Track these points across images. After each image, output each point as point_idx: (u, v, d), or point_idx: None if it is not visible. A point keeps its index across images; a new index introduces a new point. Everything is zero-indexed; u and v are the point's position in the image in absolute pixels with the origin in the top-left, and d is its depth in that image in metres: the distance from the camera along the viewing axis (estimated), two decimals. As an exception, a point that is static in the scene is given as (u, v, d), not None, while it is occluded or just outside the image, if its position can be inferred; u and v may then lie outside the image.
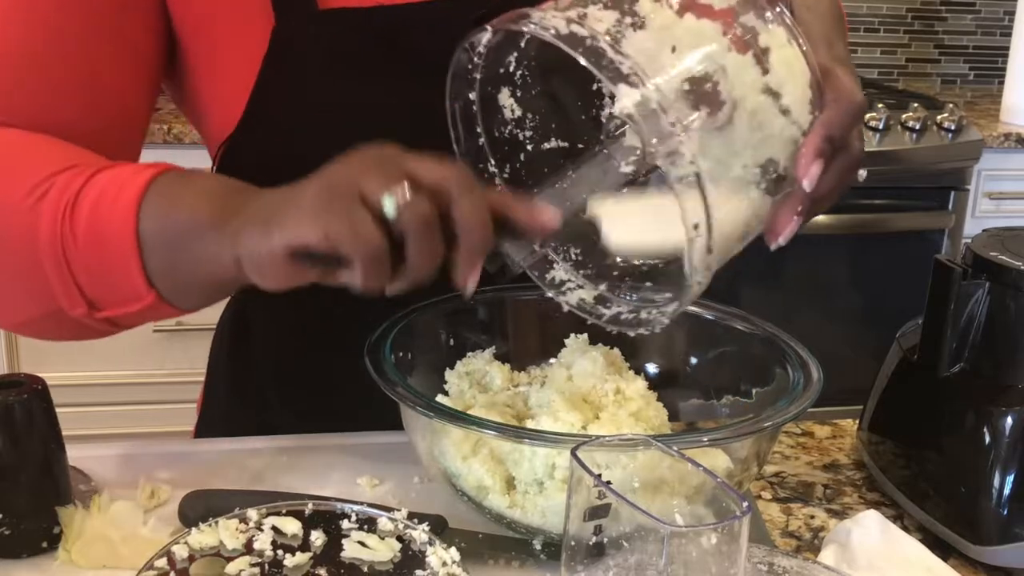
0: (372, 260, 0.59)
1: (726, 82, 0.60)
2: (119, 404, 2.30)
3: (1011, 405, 0.74)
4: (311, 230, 0.59)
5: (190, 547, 0.64)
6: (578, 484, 0.56)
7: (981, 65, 3.10)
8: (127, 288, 0.67)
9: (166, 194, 0.67)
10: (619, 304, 0.71)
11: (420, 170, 0.59)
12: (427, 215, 0.58)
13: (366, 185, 0.58)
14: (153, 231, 0.66)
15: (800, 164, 0.63)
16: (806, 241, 2.50)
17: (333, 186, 0.60)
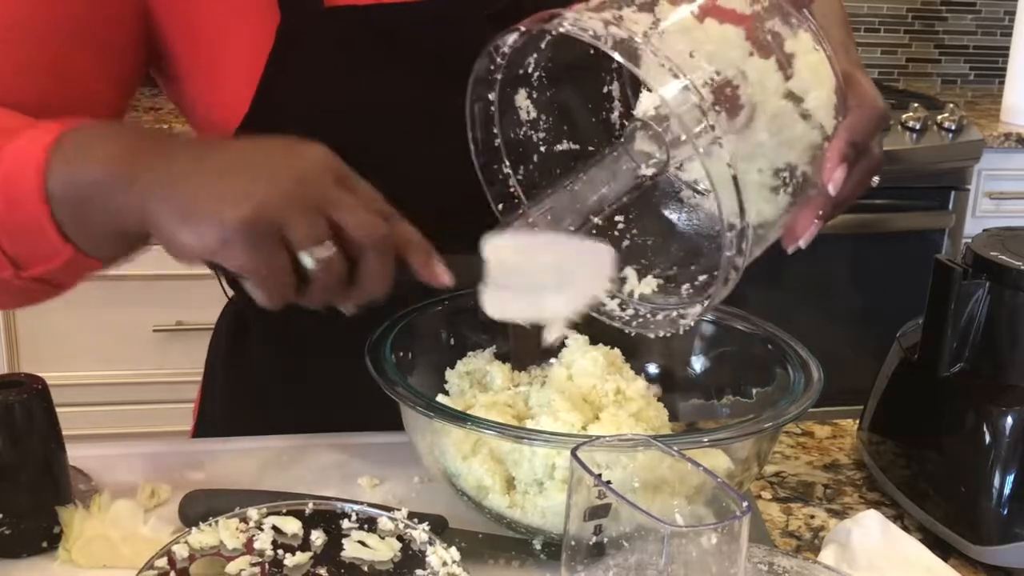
0: (279, 295, 0.62)
1: (746, 86, 0.60)
2: (119, 404, 2.30)
3: (1011, 405, 0.74)
4: (228, 256, 0.59)
5: (190, 547, 0.64)
6: (578, 484, 0.56)
7: (981, 65, 3.10)
8: (44, 245, 0.66)
9: (74, 149, 0.66)
10: (633, 306, 0.72)
11: (346, 221, 0.60)
12: (339, 274, 0.61)
13: (292, 231, 0.59)
14: (61, 187, 0.65)
15: (825, 168, 0.64)
16: (806, 241, 2.49)
17: (258, 217, 0.58)
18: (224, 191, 0.59)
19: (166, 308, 2.23)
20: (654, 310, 0.70)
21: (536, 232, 0.70)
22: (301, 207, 0.59)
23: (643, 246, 0.74)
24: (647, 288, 0.71)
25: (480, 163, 0.70)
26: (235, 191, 0.59)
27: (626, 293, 0.72)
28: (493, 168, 0.71)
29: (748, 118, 0.61)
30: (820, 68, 0.64)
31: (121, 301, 2.21)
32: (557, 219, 0.70)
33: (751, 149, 0.61)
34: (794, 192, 0.64)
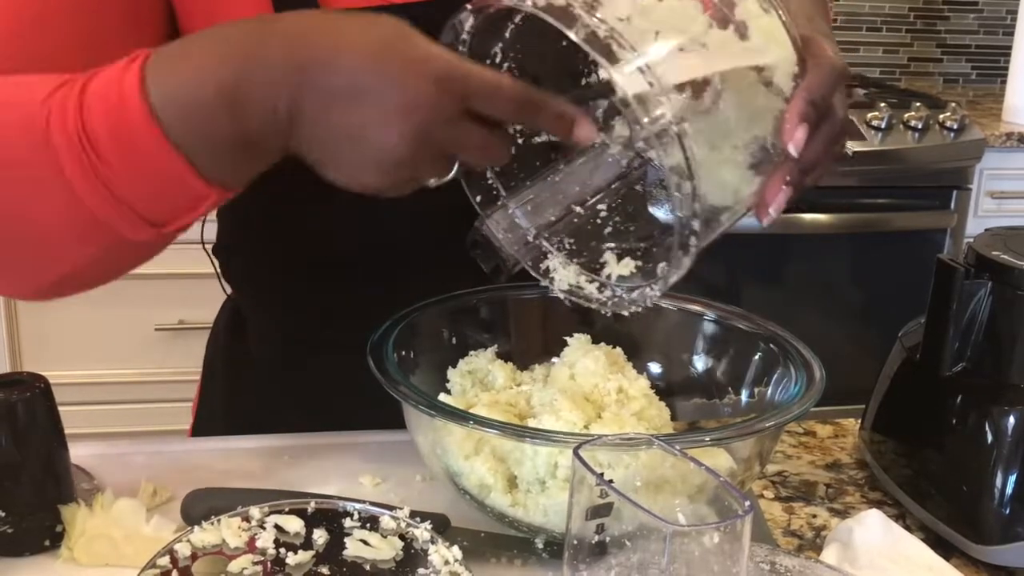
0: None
1: (709, 59, 0.60)
2: (121, 403, 2.30)
3: (1013, 404, 0.74)
4: (364, 187, 0.63)
5: (193, 545, 0.64)
6: (580, 483, 0.56)
7: (983, 64, 3.09)
8: (188, 195, 0.62)
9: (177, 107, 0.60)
10: (611, 288, 0.71)
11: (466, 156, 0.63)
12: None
13: (422, 175, 0.63)
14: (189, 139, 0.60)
15: (785, 130, 0.63)
16: (808, 240, 2.52)
17: (393, 183, 0.62)
18: (358, 156, 0.61)
19: (168, 307, 2.24)
20: (630, 289, 0.70)
21: None
22: (430, 157, 0.62)
23: (626, 232, 0.73)
24: (625, 270, 0.71)
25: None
26: (368, 157, 0.61)
27: (604, 276, 0.71)
28: None
29: (716, 93, 0.60)
30: (774, 32, 0.63)
31: (123, 300, 2.22)
32: (538, 210, 0.70)
33: (722, 125, 0.61)
34: (765, 163, 0.64)
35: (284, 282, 0.96)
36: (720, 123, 0.61)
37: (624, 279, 0.71)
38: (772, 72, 0.63)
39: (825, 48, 0.66)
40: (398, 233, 0.89)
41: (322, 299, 0.94)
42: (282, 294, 0.96)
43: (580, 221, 0.72)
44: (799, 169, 0.65)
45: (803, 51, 0.65)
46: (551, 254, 0.72)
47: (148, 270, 2.41)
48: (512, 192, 0.71)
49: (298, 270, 0.94)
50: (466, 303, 0.84)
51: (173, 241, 0.68)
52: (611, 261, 0.71)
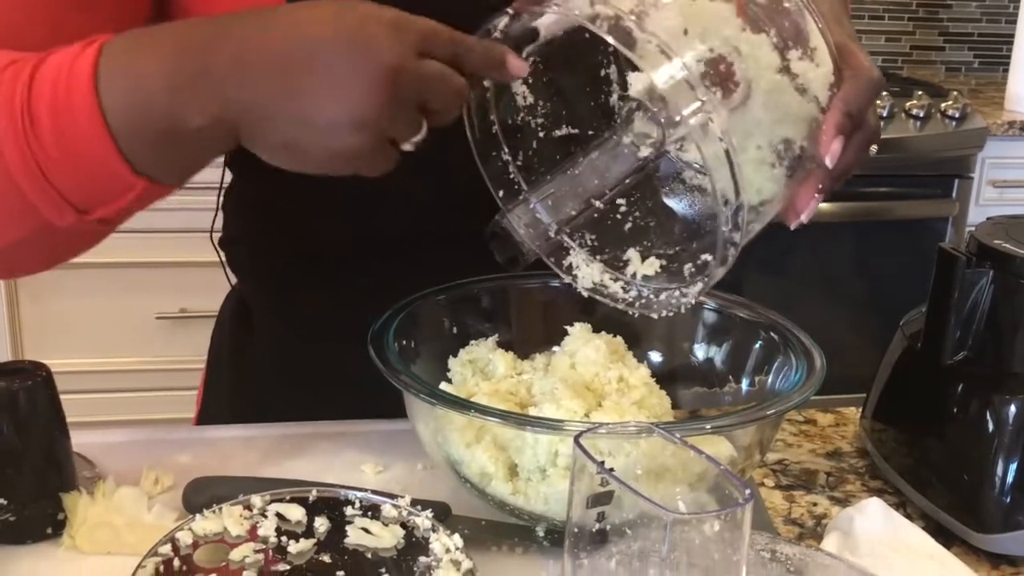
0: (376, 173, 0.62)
1: (740, 63, 0.60)
2: (122, 391, 2.30)
3: (1015, 393, 0.74)
4: (336, 158, 0.60)
5: (194, 533, 0.64)
6: (581, 471, 0.56)
7: (986, 53, 3.09)
8: (114, 182, 0.62)
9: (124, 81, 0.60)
10: (636, 288, 0.71)
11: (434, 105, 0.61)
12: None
13: (395, 134, 0.60)
14: (126, 123, 0.60)
15: (822, 141, 0.64)
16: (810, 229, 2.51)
17: (363, 146, 0.59)
18: (321, 119, 0.59)
19: (169, 295, 2.24)
20: (656, 291, 0.70)
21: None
22: (400, 115, 0.60)
23: (646, 228, 0.73)
24: (649, 269, 0.71)
25: (477, 150, 0.70)
26: (332, 119, 0.59)
27: (629, 275, 0.71)
28: (492, 155, 0.71)
29: (744, 95, 0.60)
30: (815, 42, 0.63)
31: (124, 288, 2.22)
32: (558, 204, 0.70)
33: (749, 126, 0.61)
34: (793, 167, 0.64)
35: (288, 273, 0.96)
36: (746, 123, 0.61)
37: (649, 279, 0.71)
38: (807, 79, 0.63)
39: (861, 59, 0.66)
40: (402, 224, 0.89)
41: (326, 289, 0.94)
42: (286, 284, 0.96)
43: (600, 216, 0.72)
44: (831, 177, 0.66)
45: (838, 59, 0.65)
46: (573, 250, 0.73)
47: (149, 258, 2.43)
48: (533, 186, 0.71)
49: (302, 261, 0.94)
50: (467, 292, 0.84)
51: (108, 233, 0.68)
52: (635, 259, 0.72)
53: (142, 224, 2.36)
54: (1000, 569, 0.74)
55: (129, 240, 2.15)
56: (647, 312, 0.70)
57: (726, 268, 0.62)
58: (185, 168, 0.64)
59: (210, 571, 0.61)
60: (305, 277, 0.95)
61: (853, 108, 0.64)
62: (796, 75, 0.62)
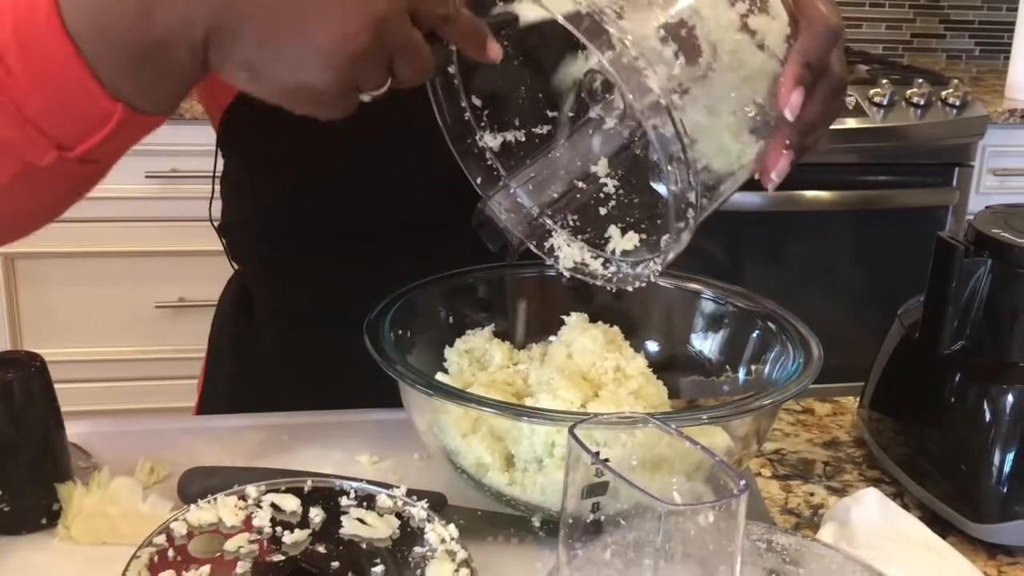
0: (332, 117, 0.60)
1: (702, 26, 0.59)
2: (122, 380, 2.30)
3: (1012, 383, 0.73)
4: (296, 108, 0.58)
5: (189, 524, 0.64)
6: (576, 462, 0.56)
7: (987, 40, 3.07)
8: (91, 111, 0.58)
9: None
10: (616, 263, 0.71)
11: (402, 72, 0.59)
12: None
13: (363, 83, 0.58)
14: (95, 45, 0.56)
15: (780, 94, 0.62)
16: (809, 218, 2.51)
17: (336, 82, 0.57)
18: (293, 48, 0.56)
19: (168, 284, 2.24)
20: (634, 264, 0.70)
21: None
22: (372, 64, 0.58)
23: (630, 205, 0.73)
24: (629, 244, 0.70)
25: (450, 136, 0.70)
26: (305, 50, 0.56)
27: (609, 251, 0.71)
28: (466, 142, 0.70)
29: (710, 60, 0.60)
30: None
31: (123, 277, 2.22)
32: (540, 188, 0.70)
33: (720, 91, 0.60)
34: (764, 127, 0.63)
35: (288, 260, 0.96)
36: (717, 88, 0.60)
37: (628, 253, 0.71)
38: (764, 34, 0.62)
39: (818, 6, 0.64)
40: (402, 212, 0.89)
41: (327, 277, 0.94)
42: (287, 272, 0.96)
43: (583, 197, 0.72)
44: (798, 132, 0.64)
45: (794, 11, 0.63)
46: (555, 232, 0.72)
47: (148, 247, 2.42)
48: (512, 171, 0.71)
49: (303, 248, 0.94)
50: (463, 282, 0.83)
51: (97, 177, 0.64)
52: (615, 236, 0.71)
53: (140, 213, 2.36)
54: (997, 559, 0.74)
55: (127, 229, 2.15)
56: (623, 286, 0.69)
57: (689, 231, 0.61)
58: (162, 90, 0.59)
59: (205, 561, 0.61)
60: (301, 265, 0.95)
61: (812, 57, 0.62)
62: (754, 31, 0.61)
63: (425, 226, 0.89)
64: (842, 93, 0.67)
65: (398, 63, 0.59)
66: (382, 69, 0.58)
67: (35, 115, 0.57)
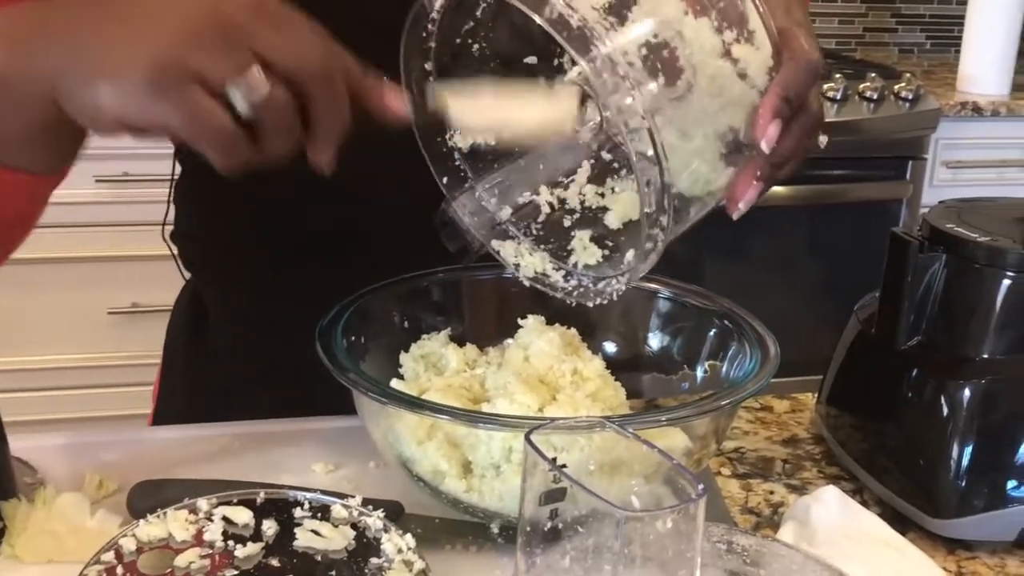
0: (227, 151, 0.55)
1: (684, 48, 0.59)
2: (75, 388, 2.26)
3: (968, 377, 0.74)
4: (143, 114, 0.53)
5: (138, 539, 0.62)
6: (533, 468, 0.55)
7: (938, 34, 3.11)
8: None
9: None
10: (577, 277, 0.70)
11: (272, 52, 0.53)
12: (284, 112, 0.54)
13: (207, 69, 0.52)
14: None
15: (757, 125, 0.62)
16: (765, 212, 2.52)
17: (161, 60, 0.51)
18: (126, 42, 0.52)
19: (121, 290, 2.20)
20: (595, 279, 0.69)
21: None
22: (213, 42, 0.52)
23: (594, 219, 0.72)
24: (591, 258, 0.70)
25: (420, 135, 0.69)
26: (136, 39, 0.52)
27: (571, 264, 0.70)
28: (438, 140, 0.69)
29: (690, 82, 0.59)
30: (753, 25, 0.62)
31: (74, 283, 2.18)
32: (506, 192, 0.69)
33: (695, 114, 0.60)
34: (737, 155, 0.63)
35: (240, 267, 0.94)
36: (693, 111, 0.60)
37: (590, 267, 0.70)
38: (747, 64, 0.62)
39: (801, 41, 0.64)
40: (360, 220, 0.88)
41: (283, 285, 0.92)
42: (239, 279, 0.95)
43: (549, 206, 0.71)
44: (770, 164, 0.64)
45: (779, 43, 0.63)
46: (518, 240, 0.71)
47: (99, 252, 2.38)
48: (479, 174, 0.70)
49: (253, 255, 0.93)
50: (418, 285, 0.82)
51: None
52: (578, 248, 0.70)
53: (91, 218, 2.32)
54: (956, 554, 0.74)
55: (78, 234, 2.11)
56: (583, 300, 0.69)
57: (656, 253, 0.61)
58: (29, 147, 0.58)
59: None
60: (256, 271, 0.94)
61: (791, 92, 0.62)
62: (737, 60, 0.61)
63: (380, 233, 0.87)
64: (818, 130, 0.67)
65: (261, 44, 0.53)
66: (228, 49, 0.52)
67: None
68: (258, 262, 0.93)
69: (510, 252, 0.71)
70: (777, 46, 0.63)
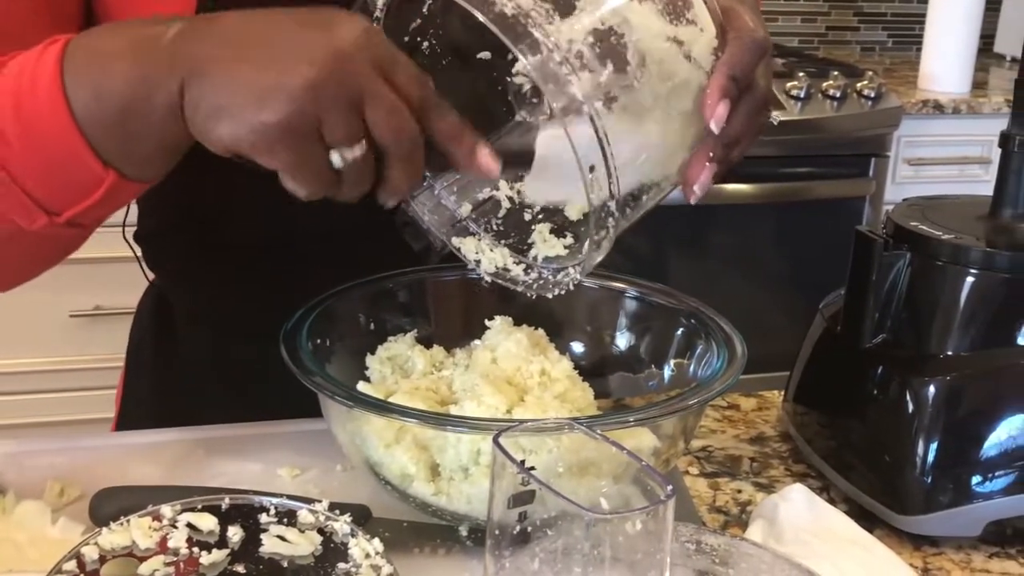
0: (315, 188, 0.60)
1: (631, 33, 0.59)
2: (37, 392, 2.23)
3: (933, 374, 0.74)
4: (262, 153, 0.58)
5: (100, 548, 0.61)
6: (501, 471, 0.55)
7: (899, 32, 3.14)
8: (83, 178, 0.62)
9: (87, 62, 0.61)
10: (538, 270, 0.70)
11: (375, 120, 0.58)
12: (366, 172, 0.60)
13: (328, 131, 0.58)
14: (89, 108, 0.60)
15: (706, 105, 0.62)
16: (730, 210, 2.54)
17: (295, 117, 0.57)
18: (259, 83, 0.57)
19: (83, 292, 2.17)
20: (555, 271, 0.69)
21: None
22: (337, 103, 0.57)
23: (555, 211, 0.72)
24: (552, 250, 0.69)
25: None
26: (270, 84, 0.56)
27: (531, 257, 0.70)
28: None
29: (638, 67, 0.59)
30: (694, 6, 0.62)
31: (35, 285, 2.12)
32: (465, 189, 0.69)
33: (647, 99, 0.59)
34: (689, 139, 0.63)
35: (205, 268, 0.93)
36: (643, 96, 0.59)
37: (551, 260, 0.70)
38: (691, 46, 0.61)
39: (746, 19, 0.64)
40: (325, 220, 0.87)
41: (248, 287, 0.91)
42: (204, 280, 0.94)
43: (508, 200, 0.70)
44: (723, 144, 0.64)
45: (723, 23, 0.63)
46: (479, 236, 0.71)
47: (58, 256, 2.26)
48: (438, 173, 0.69)
49: (218, 256, 0.92)
50: (383, 287, 0.82)
51: (80, 240, 0.68)
52: (538, 241, 0.70)
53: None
54: (922, 550, 0.74)
55: (39, 236, 2.08)
56: (543, 293, 0.68)
57: (609, 240, 0.60)
58: (149, 155, 0.63)
59: (118, 587, 0.59)
60: (222, 273, 0.93)
61: (737, 71, 0.62)
62: (682, 42, 0.61)
63: (346, 234, 0.87)
64: (767, 107, 0.67)
65: (369, 114, 0.58)
66: (348, 116, 0.57)
67: (27, 182, 0.62)
68: (220, 264, 0.92)
69: (471, 249, 0.70)
70: (722, 26, 0.63)
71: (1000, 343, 0.75)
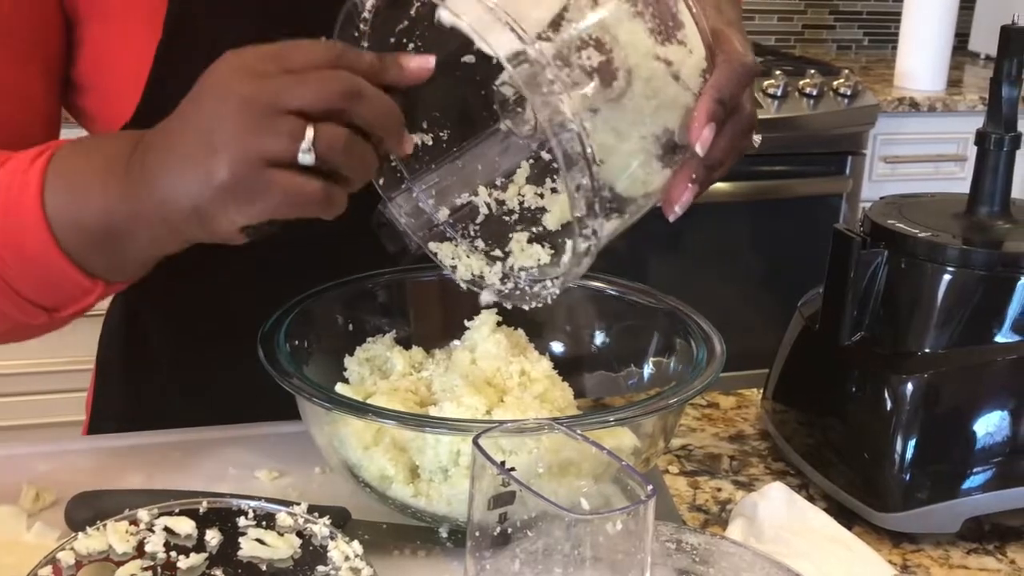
0: (322, 206, 0.60)
1: (620, 50, 0.59)
2: (10, 396, 2.21)
3: (911, 372, 0.74)
4: (245, 216, 0.59)
5: (77, 553, 0.61)
6: (481, 472, 0.54)
7: (875, 31, 3.15)
8: (74, 289, 0.67)
9: (66, 189, 0.65)
10: (514, 279, 0.70)
11: (303, 101, 0.57)
12: (343, 140, 0.58)
13: (266, 149, 0.57)
14: (71, 239, 0.65)
15: (692, 128, 0.62)
16: (707, 209, 2.54)
17: (235, 162, 0.57)
18: (196, 172, 0.58)
19: (57, 294, 2.15)
20: (531, 282, 0.69)
21: None
22: (259, 126, 0.57)
23: (533, 219, 0.72)
24: (529, 260, 0.69)
25: None
26: (201, 165, 0.58)
27: (508, 266, 0.70)
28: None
29: (624, 85, 0.59)
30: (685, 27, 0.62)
31: (8, 288, 2.13)
32: (443, 195, 0.68)
33: (631, 116, 0.59)
34: (672, 157, 0.63)
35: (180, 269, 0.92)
36: (628, 113, 0.59)
37: (527, 269, 0.69)
38: (680, 66, 0.61)
39: (735, 43, 0.64)
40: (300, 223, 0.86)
41: (218, 289, 0.91)
42: (176, 285, 0.93)
43: (486, 207, 0.70)
44: (705, 166, 0.64)
45: (712, 45, 0.63)
46: (456, 241, 0.70)
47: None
48: (416, 175, 0.69)
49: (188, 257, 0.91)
50: (362, 288, 0.81)
51: (88, 309, 0.71)
52: (516, 250, 0.70)
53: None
54: (901, 547, 0.74)
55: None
56: (519, 303, 0.68)
57: (590, 256, 0.60)
58: (135, 265, 0.68)
59: (95, 593, 0.58)
60: (193, 276, 0.92)
61: (725, 95, 0.62)
62: (671, 62, 0.61)
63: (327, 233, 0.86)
64: (751, 132, 0.68)
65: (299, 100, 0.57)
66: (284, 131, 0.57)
67: (28, 293, 0.67)
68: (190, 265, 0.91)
69: (447, 254, 0.70)
70: (711, 47, 0.63)
71: (977, 340, 0.75)
